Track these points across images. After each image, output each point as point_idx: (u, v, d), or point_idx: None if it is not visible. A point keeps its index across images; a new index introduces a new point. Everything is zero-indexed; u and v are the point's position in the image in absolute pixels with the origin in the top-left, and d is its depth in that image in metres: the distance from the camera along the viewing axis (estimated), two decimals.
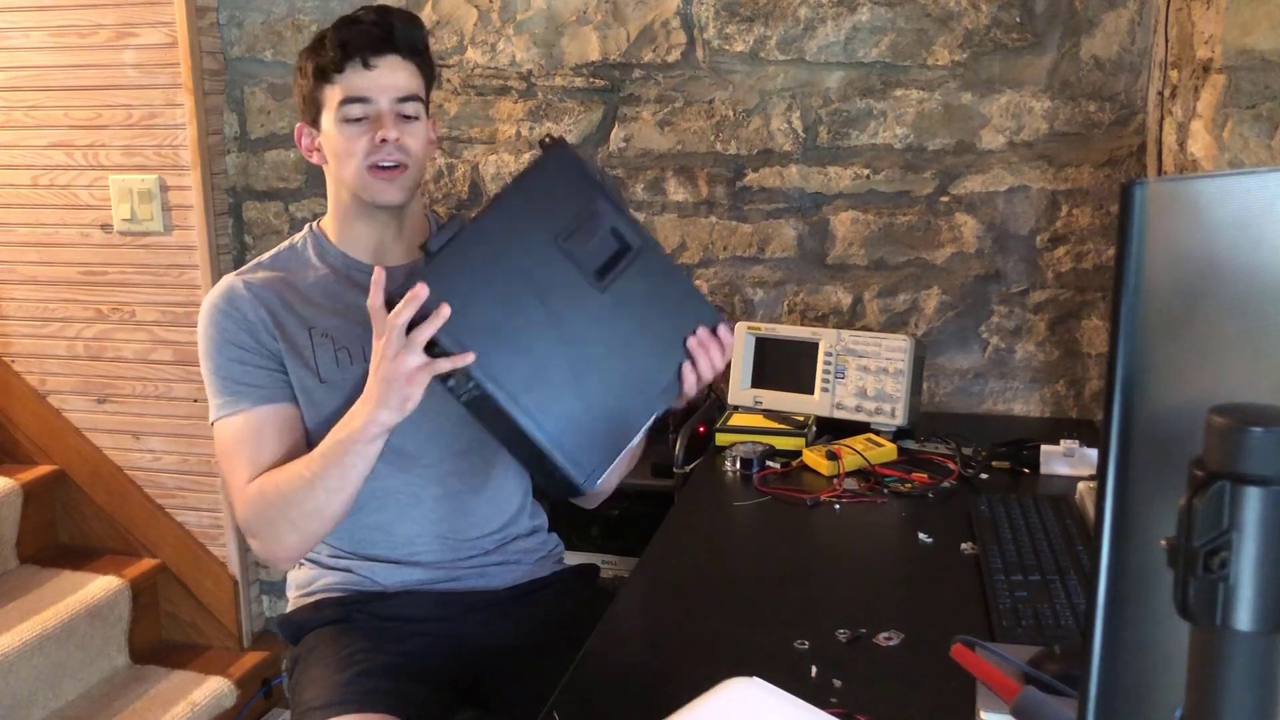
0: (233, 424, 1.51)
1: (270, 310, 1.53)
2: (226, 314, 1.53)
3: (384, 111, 1.51)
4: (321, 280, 1.58)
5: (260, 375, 1.52)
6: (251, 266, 1.60)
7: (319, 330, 1.54)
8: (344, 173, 1.53)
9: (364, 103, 1.51)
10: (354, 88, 1.50)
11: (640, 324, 1.40)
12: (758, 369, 2.08)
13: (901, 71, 2.18)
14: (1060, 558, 1.42)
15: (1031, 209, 2.17)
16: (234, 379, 1.51)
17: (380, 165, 1.51)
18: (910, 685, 1.21)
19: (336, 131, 1.52)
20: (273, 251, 1.63)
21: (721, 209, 2.31)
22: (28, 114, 2.57)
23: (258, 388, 1.51)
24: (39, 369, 2.69)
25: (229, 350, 1.52)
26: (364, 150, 1.51)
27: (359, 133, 1.51)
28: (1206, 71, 1.64)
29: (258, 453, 1.49)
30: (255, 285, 1.55)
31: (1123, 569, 0.61)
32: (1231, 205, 0.68)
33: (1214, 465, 0.55)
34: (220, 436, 1.52)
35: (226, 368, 1.52)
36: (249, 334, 1.52)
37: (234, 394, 1.51)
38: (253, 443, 1.50)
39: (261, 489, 1.46)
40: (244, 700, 2.56)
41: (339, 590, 1.58)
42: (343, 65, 1.50)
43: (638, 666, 1.32)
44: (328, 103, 1.53)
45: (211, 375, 1.53)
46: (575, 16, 2.31)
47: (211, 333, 1.53)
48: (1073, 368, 2.21)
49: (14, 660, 2.24)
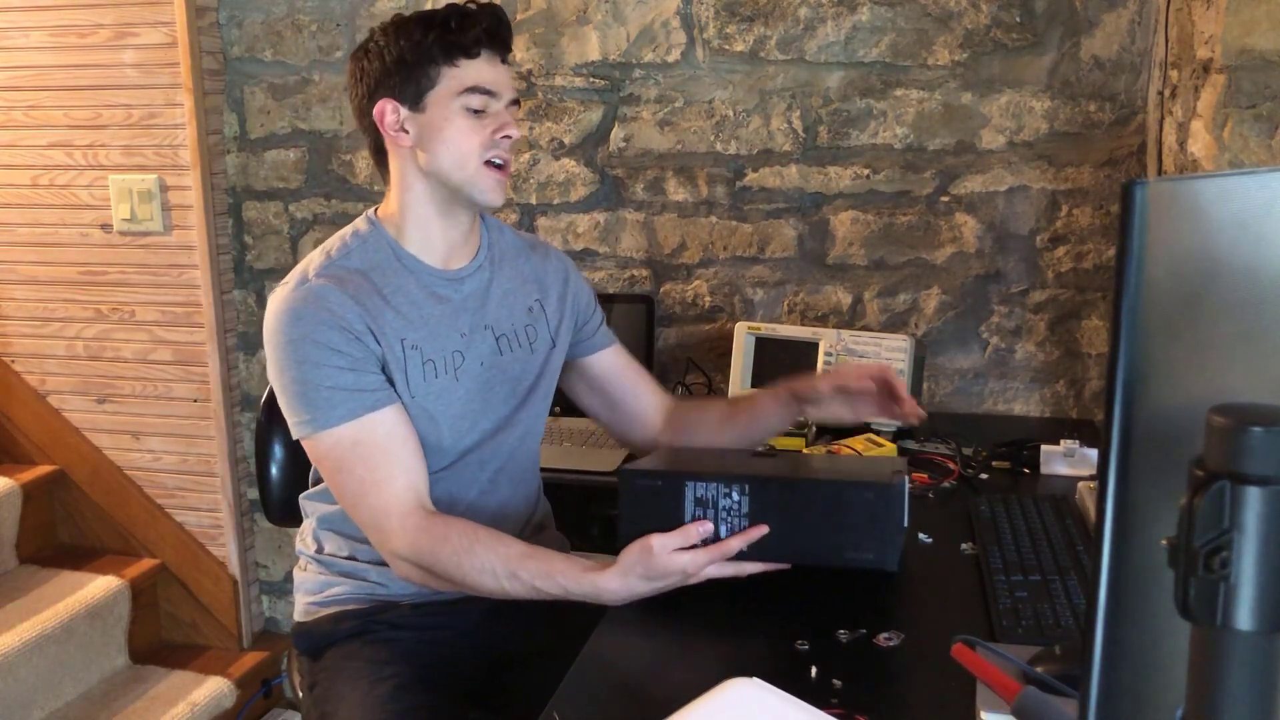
0: (344, 438, 1.40)
1: (367, 313, 1.43)
2: (325, 319, 1.40)
3: (503, 109, 1.46)
4: (403, 286, 1.48)
5: (370, 379, 1.42)
6: (325, 264, 1.46)
7: (409, 342, 1.46)
8: (449, 163, 1.44)
9: (490, 96, 1.44)
10: (485, 79, 1.44)
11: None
12: (758, 369, 2.08)
13: (901, 71, 2.18)
14: (1060, 558, 1.42)
15: (1031, 209, 2.17)
16: (340, 388, 1.40)
17: (495, 162, 1.46)
18: (910, 685, 1.21)
19: (452, 118, 1.43)
20: (339, 245, 1.50)
21: (721, 209, 2.31)
22: (27, 114, 2.57)
23: (371, 392, 1.41)
24: (39, 369, 2.69)
25: (332, 360, 1.39)
26: (482, 144, 1.44)
27: (479, 125, 1.44)
28: (1206, 71, 1.64)
29: (388, 467, 1.40)
30: (343, 287, 1.43)
31: (1123, 569, 0.61)
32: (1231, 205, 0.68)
33: (1214, 465, 0.55)
34: (327, 452, 1.41)
35: (330, 378, 1.39)
36: (353, 338, 1.41)
37: (341, 402, 1.40)
38: (378, 459, 1.40)
39: (439, 546, 1.37)
40: (244, 700, 2.56)
41: (354, 601, 1.56)
42: (478, 51, 1.43)
43: (638, 667, 1.32)
44: (446, 86, 1.43)
45: (302, 387, 1.40)
46: (575, 16, 2.31)
47: (309, 337, 1.39)
48: (1073, 368, 2.21)
49: (14, 660, 2.24)
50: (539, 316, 1.61)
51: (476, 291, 1.55)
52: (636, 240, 2.36)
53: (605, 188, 2.37)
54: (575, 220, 2.39)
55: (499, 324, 1.56)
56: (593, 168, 2.36)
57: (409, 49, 1.44)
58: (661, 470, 1.37)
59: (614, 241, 2.37)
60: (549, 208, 2.40)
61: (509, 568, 1.35)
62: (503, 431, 1.56)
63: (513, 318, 1.58)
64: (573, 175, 2.37)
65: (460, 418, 1.52)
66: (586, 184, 2.37)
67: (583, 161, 2.37)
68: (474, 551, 1.36)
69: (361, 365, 1.42)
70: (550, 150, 2.38)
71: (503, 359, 1.55)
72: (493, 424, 1.55)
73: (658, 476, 1.37)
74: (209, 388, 2.60)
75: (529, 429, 1.60)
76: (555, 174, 2.38)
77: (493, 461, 1.56)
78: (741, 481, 1.33)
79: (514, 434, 1.58)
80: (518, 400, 1.57)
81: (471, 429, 1.53)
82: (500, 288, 1.58)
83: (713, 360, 2.33)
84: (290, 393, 1.41)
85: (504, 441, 1.57)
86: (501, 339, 1.56)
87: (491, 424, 1.55)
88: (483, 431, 1.54)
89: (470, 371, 1.52)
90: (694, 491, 1.34)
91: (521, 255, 1.64)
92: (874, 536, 1.31)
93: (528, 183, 2.40)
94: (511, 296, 1.59)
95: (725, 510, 1.34)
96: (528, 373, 1.59)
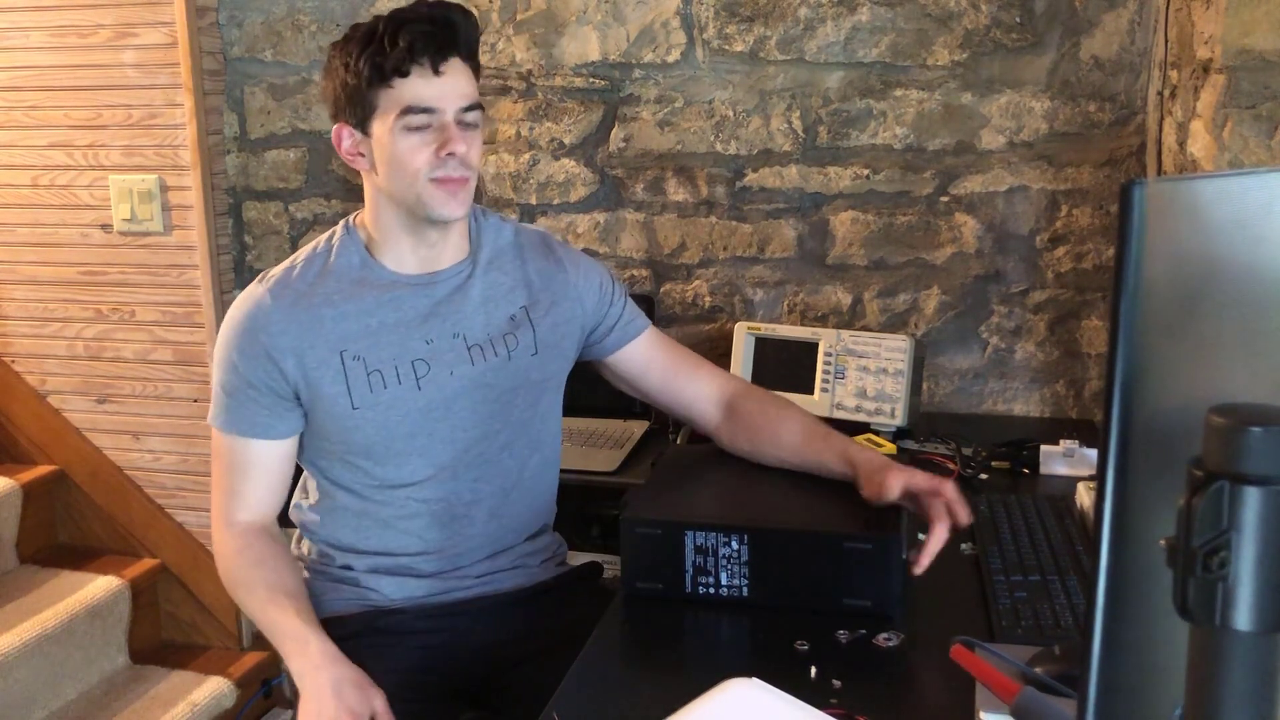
0: (226, 443, 1.52)
1: (300, 332, 1.47)
2: (250, 342, 1.47)
3: (449, 122, 1.41)
4: (359, 296, 1.49)
5: (261, 413, 1.49)
6: (283, 273, 1.51)
7: (350, 353, 1.48)
8: (398, 185, 1.44)
9: (429, 113, 1.40)
10: (420, 96, 1.40)
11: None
12: (757, 369, 2.08)
13: (901, 71, 2.18)
14: (1060, 558, 1.42)
15: (1031, 209, 2.17)
16: (238, 404, 1.49)
17: (444, 179, 1.42)
18: (910, 685, 1.21)
19: (394, 141, 1.41)
20: (307, 253, 1.53)
21: (721, 209, 2.31)
22: (28, 114, 2.57)
23: (254, 424, 1.50)
24: (39, 369, 2.69)
25: (240, 379, 1.48)
26: (427, 163, 1.41)
27: (421, 144, 1.41)
28: (1206, 71, 1.64)
29: (243, 485, 1.52)
30: (287, 299, 1.48)
31: (1122, 569, 0.61)
32: (1231, 205, 0.68)
33: (1213, 465, 0.55)
34: (214, 443, 1.54)
35: (234, 393, 1.49)
36: (269, 364, 1.47)
37: (235, 418, 1.50)
38: (239, 474, 1.52)
39: (232, 568, 1.51)
40: (244, 700, 2.56)
41: (349, 607, 1.55)
42: (407, 69, 1.39)
43: (638, 667, 1.32)
44: (384, 107, 1.41)
45: (218, 387, 1.51)
46: (575, 16, 2.31)
47: (230, 355, 1.49)
48: (1072, 368, 2.20)
49: (14, 660, 2.24)
50: (522, 324, 1.55)
51: (448, 297, 1.52)
52: (636, 240, 2.36)
53: (605, 188, 2.37)
54: (575, 220, 2.39)
55: (472, 333, 1.52)
56: (593, 168, 2.36)
57: (350, 73, 1.42)
58: (662, 519, 1.39)
59: (614, 242, 2.37)
60: (549, 208, 2.40)
61: (263, 599, 1.46)
62: (483, 441, 1.54)
63: (489, 326, 1.53)
64: (573, 175, 2.38)
65: (425, 427, 1.50)
66: (586, 184, 2.37)
67: (583, 162, 2.37)
68: (251, 569, 1.49)
69: (263, 398, 1.48)
70: (550, 150, 2.38)
71: (475, 369, 1.52)
72: (469, 433, 1.53)
73: (658, 525, 1.38)
74: (209, 388, 2.59)
75: (514, 439, 1.56)
76: (555, 174, 2.38)
77: (475, 470, 1.54)
78: (741, 531, 1.35)
79: (495, 443, 1.55)
80: (493, 409, 1.54)
81: (445, 438, 1.51)
82: (482, 292, 1.54)
83: (713, 360, 2.32)
84: (213, 380, 1.54)
85: (485, 451, 1.54)
86: (474, 348, 1.52)
87: (468, 433, 1.53)
88: (458, 441, 1.52)
89: (436, 380, 1.50)
90: (694, 540, 1.37)
91: (517, 258, 1.58)
92: (873, 585, 1.33)
93: (528, 183, 2.40)
94: (492, 304, 1.54)
95: (725, 559, 1.37)
96: (504, 381, 1.54)
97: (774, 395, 1.66)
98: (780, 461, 1.56)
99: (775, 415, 1.59)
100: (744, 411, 1.61)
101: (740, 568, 1.36)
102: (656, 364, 1.65)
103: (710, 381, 1.66)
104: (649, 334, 1.66)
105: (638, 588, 1.39)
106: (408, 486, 1.52)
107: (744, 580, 1.36)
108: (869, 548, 1.33)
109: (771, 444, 1.57)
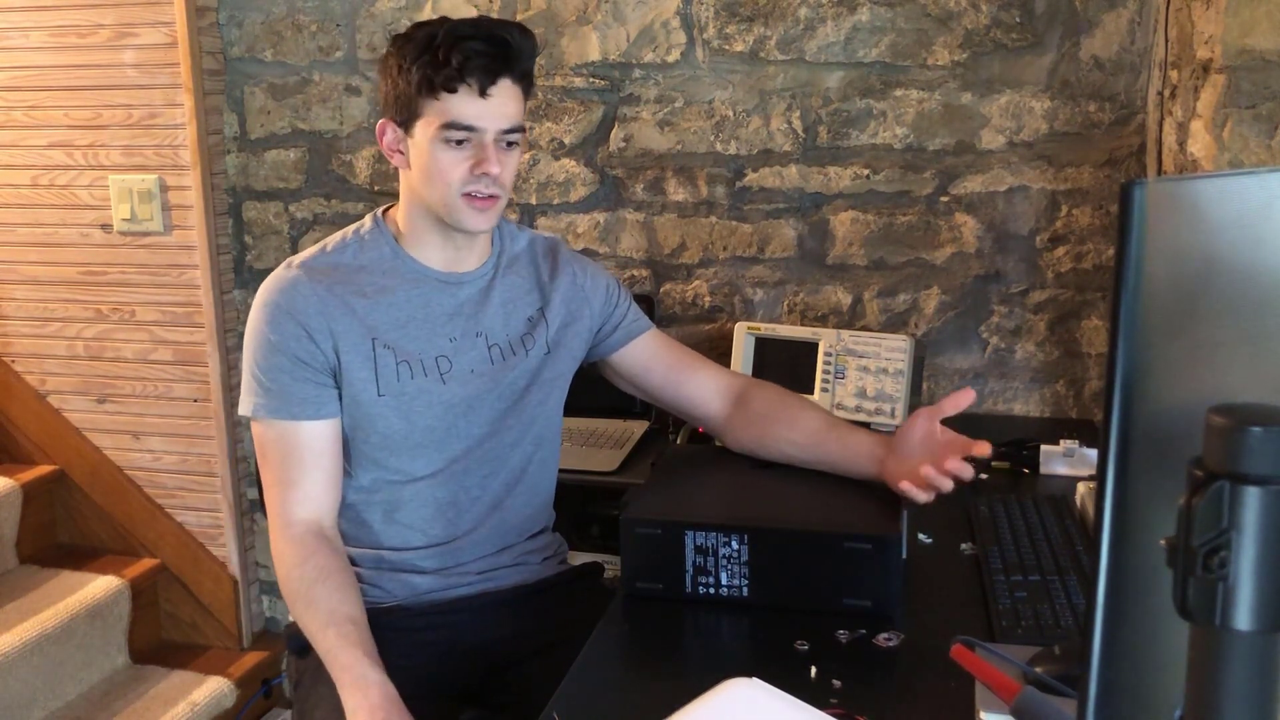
0: (274, 432, 1.47)
1: (333, 314, 1.47)
2: (286, 319, 1.46)
3: (488, 142, 1.43)
4: (390, 287, 1.51)
5: (309, 389, 1.46)
6: (315, 255, 1.52)
7: (381, 341, 1.49)
8: (431, 192, 1.46)
9: (470, 130, 1.42)
10: (463, 115, 1.41)
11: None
12: (758, 369, 2.08)
13: (901, 71, 2.18)
14: (1060, 558, 1.42)
15: (1031, 209, 2.17)
16: (280, 387, 1.46)
17: (475, 195, 1.45)
18: (910, 685, 1.21)
19: (432, 150, 1.43)
20: (338, 240, 1.55)
21: (721, 209, 2.31)
22: (28, 114, 2.57)
23: (303, 401, 1.46)
24: (39, 369, 2.69)
25: (280, 358, 1.46)
26: (460, 178, 1.43)
27: (459, 159, 1.43)
28: (1206, 71, 1.64)
29: (299, 473, 1.46)
30: (321, 282, 1.48)
31: (1123, 569, 0.61)
32: (1231, 205, 0.68)
33: (1213, 465, 0.55)
34: (258, 437, 1.49)
35: (274, 374, 1.46)
36: (308, 340, 1.46)
37: (279, 402, 1.46)
38: (293, 462, 1.46)
39: (293, 579, 1.43)
40: (244, 700, 2.56)
41: None
42: (455, 87, 1.40)
43: (638, 667, 1.32)
44: (428, 116, 1.43)
45: (253, 375, 1.47)
46: (575, 16, 2.31)
47: (266, 332, 1.46)
48: (1072, 368, 2.21)
49: (14, 660, 2.24)
50: (537, 324, 1.60)
51: (473, 297, 1.55)
52: (636, 240, 2.36)
53: (605, 188, 2.36)
54: (575, 220, 2.39)
55: (493, 332, 1.56)
56: (593, 168, 2.36)
57: (401, 76, 1.44)
58: (662, 519, 1.39)
59: (614, 242, 2.37)
60: (549, 208, 2.40)
61: (324, 620, 1.38)
62: (494, 438, 1.56)
63: (508, 328, 1.57)
64: (573, 175, 2.37)
65: (445, 421, 1.52)
66: (586, 184, 2.37)
67: (583, 161, 2.37)
68: (315, 585, 1.41)
69: (304, 372, 1.46)
70: (550, 150, 2.38)
71: (494, 368, 1.55)
72: (484, 430, 1.55)
73: (658, 525, 1.39)
74: (209, 388, 2.60)
75: (522, 435, 1.58)
76: (555, 174, 2.38)
77: (486, 466, 1.56)
78: (741, 531, 1.36)
79: (505, 440, 1.57)
80: (507, 407, 1.56)
81: (463, 434, 1.53)
82: (501, 295, 1.57)
83: (713, 360, 2.32)
84: (245, 371, 1.49)
85: (496, 448, 1.56)
86: (494, 348, 1.55)
87: (482, 430, 1.55)
88: (473, 437, 1.54)
89: (459, 377, 1.52)
90: (694, 540, 1.37)
91: (532, 263, 1.62)
92: (873, 585, 1.34)
93: (528, 183, 2.40)
94: (511, 306, 1.58)
95: (725, 558, 1.37)
96: (520, 380, 1.57)
97: (793, 392, 1.68)
98: (791, 450, 1.57)
99: (796, 404, 1.62)
100: (758, 400, 1.63)
101: (740, 568, 1.36)
102: (659, 361, 1.68)
103: (715, 377, 1.68)
104: (652, 333, 1.70)
105: (638, 588, 1.40)
106: (418, 481, 1.53)
107: (744, 580, 1.36)
108: (869, 548, 1.33)
109: (787, 429, 1.58)
